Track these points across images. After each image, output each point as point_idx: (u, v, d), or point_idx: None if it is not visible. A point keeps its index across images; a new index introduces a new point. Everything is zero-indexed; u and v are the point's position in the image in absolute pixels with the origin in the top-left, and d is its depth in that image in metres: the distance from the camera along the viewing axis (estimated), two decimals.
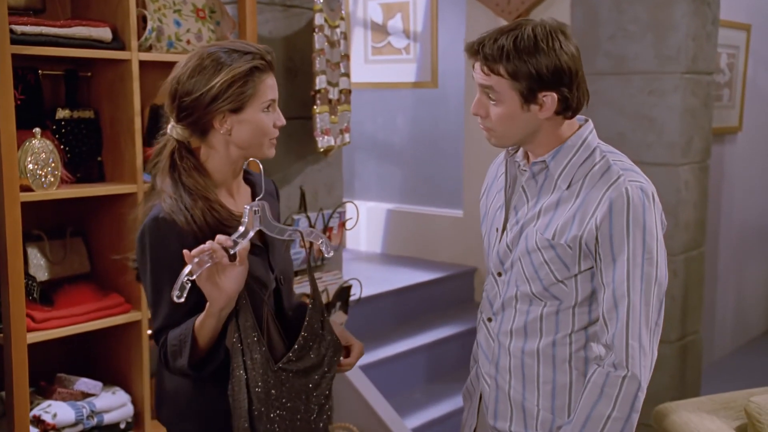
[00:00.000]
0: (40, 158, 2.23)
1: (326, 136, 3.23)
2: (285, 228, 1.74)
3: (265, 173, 1.88)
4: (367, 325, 3.86)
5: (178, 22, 2.54)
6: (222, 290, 1.58)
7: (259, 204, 1.66)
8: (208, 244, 1.55)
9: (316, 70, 3.14)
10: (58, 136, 2.41)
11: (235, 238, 1.60)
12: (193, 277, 1.55)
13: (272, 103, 1.71)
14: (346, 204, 3.53)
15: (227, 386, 1.67)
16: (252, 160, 1.77)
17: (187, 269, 1.54)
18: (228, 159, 1.73)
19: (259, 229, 1.66)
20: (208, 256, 1.55)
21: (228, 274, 1.58)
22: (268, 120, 1.71)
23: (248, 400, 1.64)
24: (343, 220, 3.45)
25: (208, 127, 1.69)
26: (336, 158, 3.45)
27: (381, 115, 5.44)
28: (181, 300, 1.55)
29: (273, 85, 1.71)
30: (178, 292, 1.54)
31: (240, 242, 1.60)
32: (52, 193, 2.27)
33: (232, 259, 1.58)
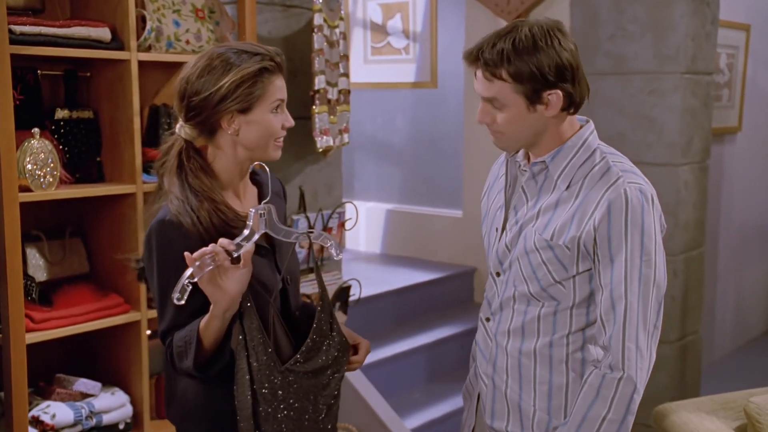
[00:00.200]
0: (39, 158, 2.23)
1: (325, 136, 3.23)
2: (291, 231, 1.74)
3: None
4: (367, 326, 3.85)
5: (177, 22, 2.54)
6: (225, 292, 1.58)
7: (266, 207, 1.66)
8: (210, 248, 1.55)
9: (315, 70, 3.14)
10: (57, 136, 2.40)
11: (239, 241, 1.60)
12: (194, 280, 1.55)
13: (281, 104, 1.72)
14: (346, 204, 3.53)
15: (233, 387, 1.68)
16: (258, 163, 1.78)
17: (188, 272, 1.55)
18: (235, 160, 1.73)
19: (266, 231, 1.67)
20: (210, 259, 1.55)
21: (230, 277, 1.58)
22: (276, 121, 1.71)
23: (254, 401, 1.64)
24: (342, 221, 3.45)
25: (216, 127, 1.69)
26: (335, 158, 3.45)
27: (380, 116, 5.44)
28: (182, 302, 1.55)
29: (282, 87, 1.72)
30: (178, 295, 1.55)
31: (244, 245, 1.60)
32: (51, 194, 2.27)
33: (236, 262, 1.58)
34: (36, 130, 2.24)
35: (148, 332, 2.54)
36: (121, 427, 2.45)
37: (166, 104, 2.66)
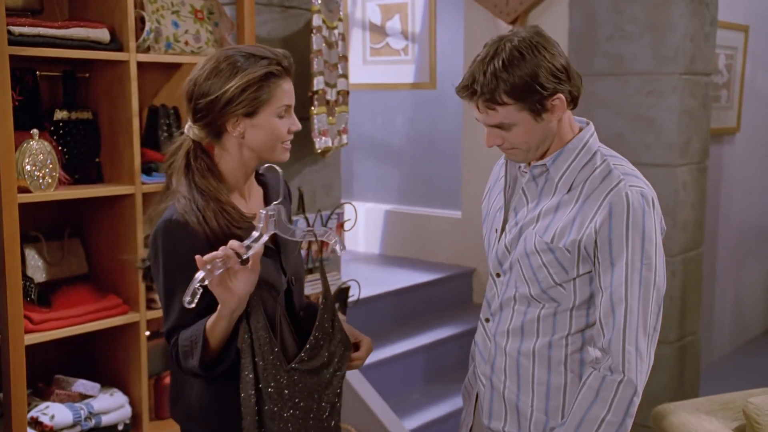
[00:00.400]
0: (38, 159, 2.23)
1: (324, 137, 3.23)
2: (298, 229, 1.75)
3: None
4: (366, 326, 3.83)
5: (176, 23, 2.54)
6: (233, 293, 1.59)
7: (275, 208, 1.67)
8: (221, 251, 1.56)
9: (314, 71, 3.14)
10: (56, 137, 2.40)
11: (249, 242, 1.61)
12: (205, 283, 1.56)
13: (287, 109, 1.73)
14: (345, 205, 3.53)
15: (237, 389, 1.68)
16: (269, 165, 1.80)
17: (200, 275, 1.56)
18: (240, 161, 1.74)
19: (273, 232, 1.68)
20: (221, 262, 1.56)
21: (239, 278, 1.59)
22: (282, 125, 1.72)
23: (258, 400, 1.66)
24: (341, 221, 3.45)
25: (222, 129, 1.71)
26: (334, 159, 3.45)
27: (379, 116, 5.44)
28: (192, 306, 1.56)
29: (289, 91, 1.72)
30: (189, 298, 1.56)
31: (253, 246, 1.61)
32: (49, 195, 2.27)
33: (245, 263, 1.59)
34: (35, 131, 2.24)
35: (147, 333, 2.54)
36: (120, 428, 2.45)
37: (165, 105, 2.66)
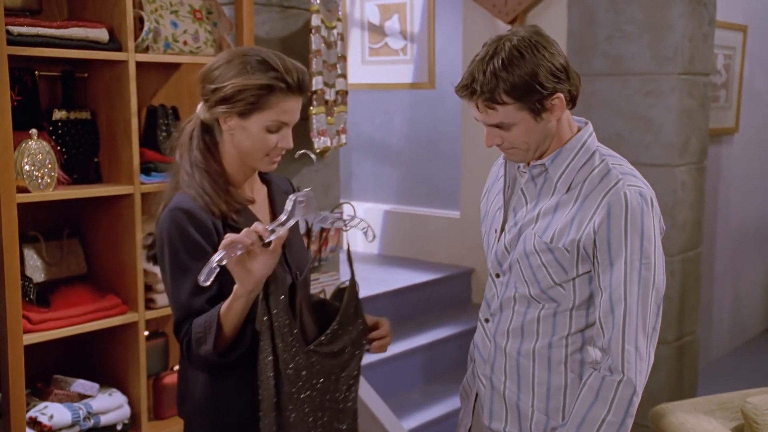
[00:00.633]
0: (37, 159, 2.23)
1: (323, 137, 3.23)
2: (327, 216, 1.77)
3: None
4: None
5: (175, 23, 2.54)
6: (251, 274, 1.60)
7: (305, 194, 1.68)
8: (245, 234, 1.57)
9: (313, 71, 3.14)
10: (54, 137, 2.40)
11: (274, 226, 1.63)
12: (224, 263, 1.57)
13: (281, 125, 1.73)
14: (343, 205, 3.53)
15: (245, 380, 1.71)
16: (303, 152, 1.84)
17: (218, 256, 1.56)
18: (232, 155, 1.77)
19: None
20: (242, 246, 1.57)
21: (259, 260, 1.60)
22: (270, 138, 1.73)
23: (276, 382, 1.67)
24: None
25: (218, 119, 1.76)
26: (333, 159, 3.45)
27: (378, 116, 5.44)
28: (207, 284, 1.57)
29: (289, 110, 1.73)
30: (205, 277, 1.56)
31: (278, 230, 1.62)
32: (48, 195, 2.27)
33: (266, 246, 1.60)
34: (33, 131, 2.24)
35: (146, 333, 2.54)
36: (119, 428, 2.45)
37: (164, 105, 2.66)
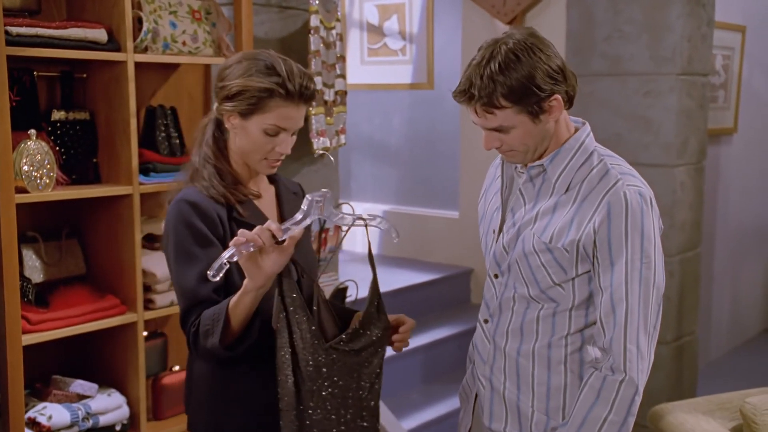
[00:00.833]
0: (36, 160, 2.23)
1: (322, 138, 3.23)
2: (346, 215, 1.77)
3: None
4: None
5: (174, 23, 2.54)
6: (261, 270, 1.61)
7: (322, 194, 1.69)
8: (258, 232, 1.58)
9: (312, 71, 3.14)
10: (53, 137, 2.40)
11: (289, 225, 1.63)
12: (234, 260, 1.58)
13: (278, 130, 1.75)
14: (343, 205, 3.53)
15: (250, 376, 1.73)
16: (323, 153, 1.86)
17: (228, 253, 1.57)
18: (237, 153, 1.81)
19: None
20: (254, 245, 1.58)
21: (271, 257, 1.61)
22: (267, 141, 1.75)
23: (296, 378, 1.68)
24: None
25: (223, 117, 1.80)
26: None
27: (377, 117, 5.44)
28: (216, 279, 1.59)
29: (288, 116, 1.75)
30: (214, 272, 1.57)
31: (292, 229, 1.63)
32: (47, 195, 2.27)
33: (280, 244, 1.61)
34: (32, 132, 2.24)
35: (145, 333, 2.54)
36: (118, 428, 2.45)
37: (163, 105, 2.66)
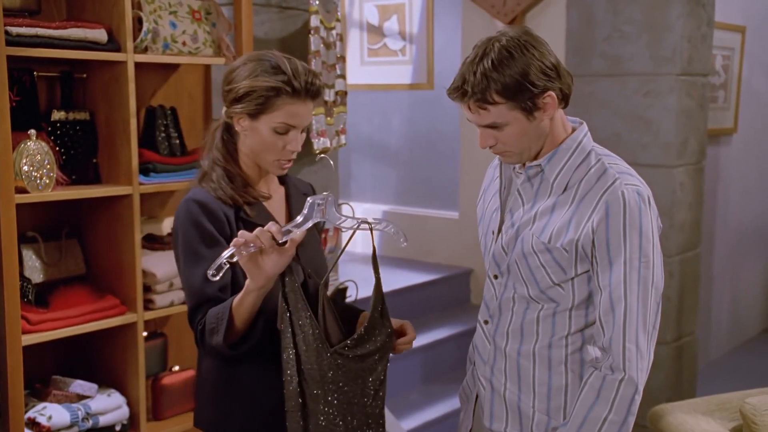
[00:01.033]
0: (36, 160, 2.23)
1: (322, 138, 3.23)
2: (349, 218, 1.77)
3: None
4: None
5: (174, 23, 2.54)
6: (262, 271, 1.63)
7: (324, 197, 1.69)
8: (258, 233, 1.59)
9: None
10: (53, 137, 2.40)
11: (290, 227, 1.64)
12: (234, 260, 1.59)
13: (288, 128, 1.76)
14: (342, 206, 3.53)
15: (255, 375, 1.75)
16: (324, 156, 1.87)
17: (228, 252, 1.59)
18: (247, 155, 1.82)
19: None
20: (255, 246, 1.59)
21: (271, 258, 1.62)
22: (278, 141, 1.77)
23: (300, 381, 1.69)
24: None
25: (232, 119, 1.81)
26: (332, 160, 3.44)
27: (377, 117, 5.44)
28: (216, 278, 1.61)
29: (296, 113, 1.76)
30: (213, 271, 1.59)
31: (293, 231, 1.64)
32: (47, 195, 2.27)
33: (281, 246, 1.62)
34: (32, 132, 2.24)
35: (145, 334, 2.54)
36: (118, 428, 2.45)
37: (163, 105, 2.66)
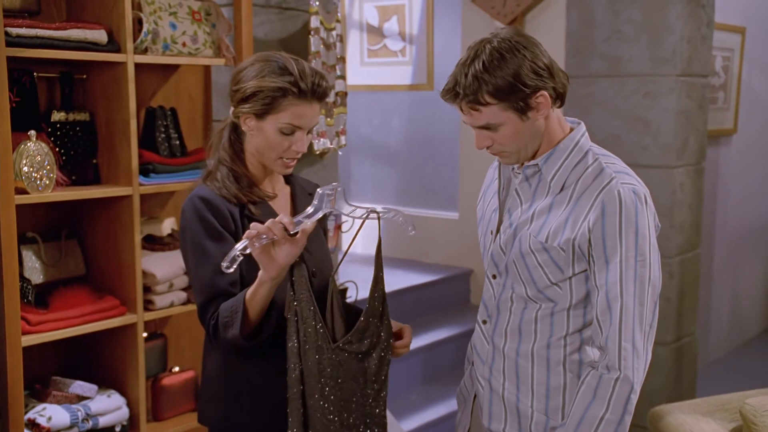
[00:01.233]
0: (35, 161, 2.23)
1: (322, 139, 3.23)
2: (359, 208, 1.78)
3: None
4: None
5: (174, 24, 2.54)
6: (274, 261, 1.65)
7: (333, 187, 1.71)
8: (270, 225, 1.61)
9: None
10: (53, 138, 2.40)
11: (301, 218, 1.66)
12: (247, 252, 1.61)
13: (294, 129, 1.77)
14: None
15: (262, 371, 1.77)
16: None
17: (241, 245, 1.61)
18: (253, 155, 1.83)
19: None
20: (267, 238, 1.61)
21: (283, 248, 1.65)
22: (284, 141, 1.78)
23: (301, 373, 1.70)
24: (338, 223, 3.45)
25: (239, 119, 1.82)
26: (332, 160, 3.45)
27: (377, 118, 5.44)
28: (230, 270, 1.63)
29: (302, 114, 1.77)
30: (227, 264, 1.61)
31: (304, 222, 1.65)
32: (47, 196, 2.27)
33: (292, 236, 1.64)
34: (32, 133, 2.24)
35: (145, 335, 2.54)
36: (118, 429, 2.45)
37: (163, 106, 2.66)
